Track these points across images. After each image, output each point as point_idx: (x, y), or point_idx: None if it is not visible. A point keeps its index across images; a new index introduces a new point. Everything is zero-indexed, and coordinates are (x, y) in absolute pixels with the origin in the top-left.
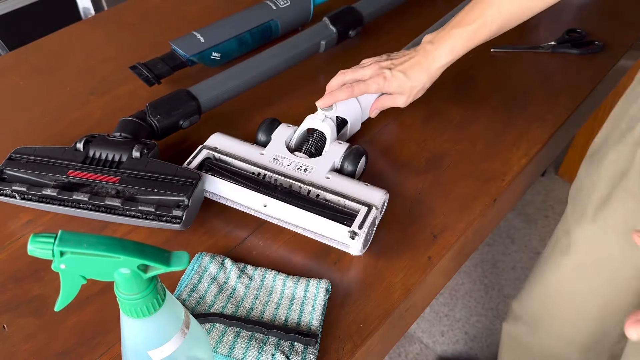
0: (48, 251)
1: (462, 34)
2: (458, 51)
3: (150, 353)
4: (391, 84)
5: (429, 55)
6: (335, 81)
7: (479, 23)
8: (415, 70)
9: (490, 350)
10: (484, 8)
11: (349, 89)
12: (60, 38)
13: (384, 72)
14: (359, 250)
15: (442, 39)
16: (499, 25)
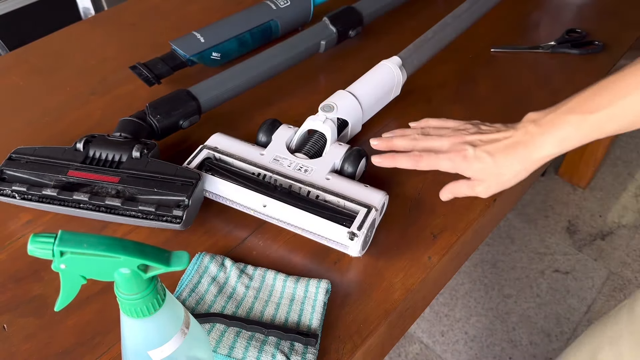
0: (48, 251)
1: (580, 123)
2: (571, 143)
3: (150, 353)
4: (471, 166)
5: (530, 140)
6: (402, 143)
7: (605, 114)
8: (508, 155)
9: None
10: (616, 95)
11: (415, 159)
12: (60, 38)
13: (465, 149)
14: (357, 252)
15: (551, 123)
16: (633, 120)
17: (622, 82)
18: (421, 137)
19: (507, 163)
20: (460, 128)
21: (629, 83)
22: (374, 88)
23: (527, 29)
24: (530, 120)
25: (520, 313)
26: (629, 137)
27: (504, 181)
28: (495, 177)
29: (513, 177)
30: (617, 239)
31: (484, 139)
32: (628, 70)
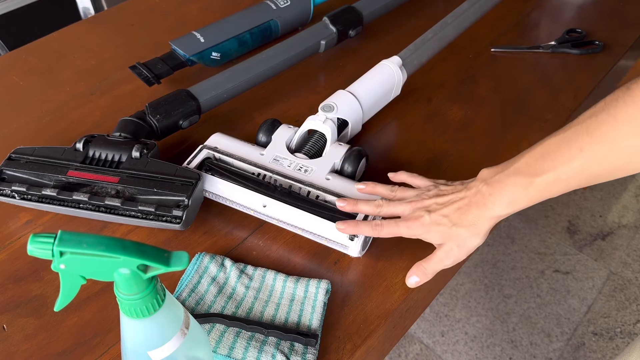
0: (48, 251)
1: (526, 186)
2: (520, 205)
3: (150, 353)
4: (429, 231)
5: (481, 200)
6: (367, 208)
7: (551, 177)
8: (462, 216)
9: (490, 350)
10: (558, 161)
11: (377, 229)
12: (60, 38)
13: (422, 216)
14: (358, 252)
15: (499, 184)
16: (579, 182)
17: (567, 146)
18: (385, 203)
19: (463, 223)
20: (423, 190)
21: (573, 148)
22: (374, 88)
23: (527, 29)
24: (481, 179)
25: (520, 313)
26: None
27: (463, 243)
28: (454, 239)
29: (471, 236)
30: (617, 239)
31: (440, 202)
32: (572, 131)
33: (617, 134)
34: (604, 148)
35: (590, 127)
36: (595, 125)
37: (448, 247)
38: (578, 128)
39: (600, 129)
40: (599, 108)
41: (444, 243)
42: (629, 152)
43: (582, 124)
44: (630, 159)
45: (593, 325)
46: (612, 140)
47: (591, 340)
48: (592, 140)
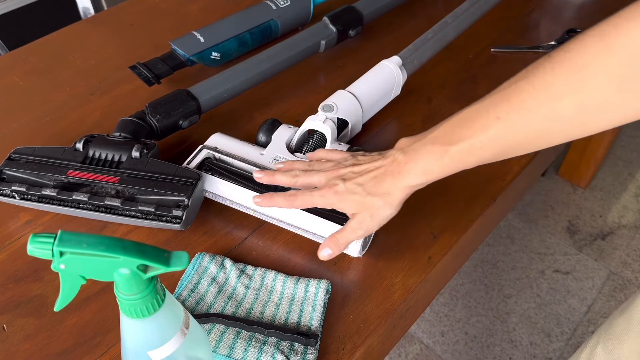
0: (47, 251)
1: (441, 154)
2: (433, 175)
3: (150, 353)
4: (343, 200)
5: (397, 169)
6: (283, 179)
7: (466, 146)
8: (377, 184)
9: (490, 350)
10: (475, 129)
11: (290, 200)
12: (60, 38)
13: (336, 184)
14: (357, 252)
15: (415, 152)
16: (494, 153)
17: (484, 114)
18: (301, 174)
19: (377, 192)
20: (340, 161)
21: (490, 115)
22: (374, 88)
23: (527, 29)
24: (399, 147)
25: (520, 313)
26: (629, 137)
27: (377, 213)
28: (367, 208)
29: (384, 206)
30: (617, 239)
31: (356, 171)
32: (491, 99)
33: (535, 102)
34: (521, 116)
35: (509, 95)
36: (515, 93)
37: (361, 216)
38: (497, 96)
39: (519, 96)
40: (520, 76)
41: (358, 212)
42: (543, 122)
43: (501, 92)
44: (545, 128)
45: (593, 325)
46: (529, 108)
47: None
48: (510, 107)
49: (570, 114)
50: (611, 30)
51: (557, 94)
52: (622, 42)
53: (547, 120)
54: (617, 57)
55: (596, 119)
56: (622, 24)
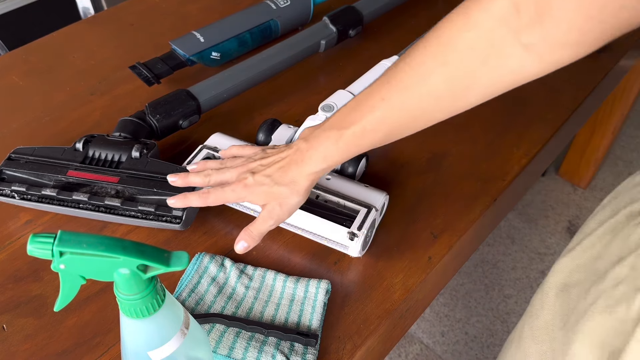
0: (47, 251)
1: (337, 139)
2: (333, 160)
3: (150, 353)
4: (253, 193)
5: (300, 157)
6: (196, 179)
7: (358, 129)
8: (283, 174)
9: (491, 350)
10: (364, 112)
11: (204, 198)
12: (59, 38)
13: (246, 178)
14: (358, 252)
15: (316, 139)
16: (384, 134)
17: (372, 96)
18: (214, 172)
19: (284, 182)
20: (250, 156)
21: (376, 97)
22: None
23: None
24: (302, 137)
25: (520, 313)
26: (629, 137)
27: (285, 201)
28: (275, 198)
29: (291, 194)
30: None
31: (264, 163)
32: (378, 82)
33: (411, 80)
34: (401, 95)
35: (391, 76)
36: (395, 74)
37: (270, 206)
38: (382, 78)
39: (397, 76)
40: (401, 59)
41: (267, 203)
42: (421, 99)
43: (386, 74)
44: (424, 105)
45: None
46: (407, 87)
47: None
48: (391, 88)
49: (442, 89)
50: (472, 5)
51: (428, 71)
52: (480, 16)
53: (424, 96)
54: (475, 31)
55: (466, 92)
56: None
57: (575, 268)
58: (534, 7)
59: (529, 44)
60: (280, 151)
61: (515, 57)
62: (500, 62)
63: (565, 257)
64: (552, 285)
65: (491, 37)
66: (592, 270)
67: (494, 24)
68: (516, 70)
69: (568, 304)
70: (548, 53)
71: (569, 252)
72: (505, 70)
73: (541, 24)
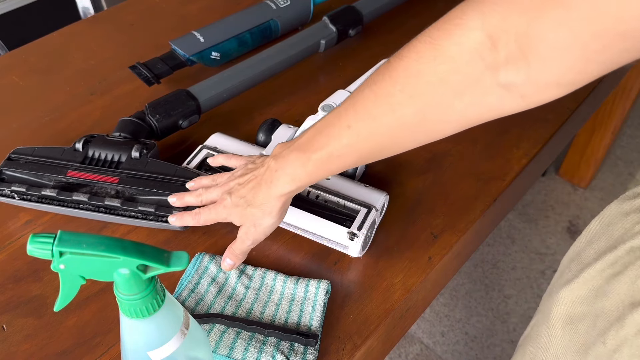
0: (47, 251)
1: (305, 162)
2: (302, 182)
3: (150, 354)
4: (231, 214)
5: (269, 177)
6: (191, 199)
7: (325, 153)
8: (255, 195)
9: (491, 350)
10: (330, 137)
11: (196, 218)
12: (59, 38)
13: (224, 199)
14: (358, 252)
15: (284, 160)
16: (355, 159)
17: (337, 122)
18: (203, 192)
19: (255, 203)
20: (234, 172)
21: (342, 124)
22: None
23: None
24: (273, 154)
25: (521, 313)
26: (629, 137)
27: (259, 223)
28: (250, 218)
29: (264, 216)
30: None
31: (241, 182)
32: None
33: (379, 110)
34: (368, 124)
35: (357, 103)
36: (361, 101)
37: (246, 227)
38: (348, 103)
39: (363, 104)
40: (366, 82)
41: (243, 224)
42: (389, 129)
43: (351, 99)
44: (393, 135)
45: None
46: (374, 117)
47: None
48: (357, 116)
49: (412, 121)
50: (441, 36)
51: (398, 103)
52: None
53: (393, 128)
54: (447, 64)
55: (441, 125)
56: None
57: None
58: (514, 43)
59: (509, 83)
60: (255, 168)
61: (494, 95)
62: (476, 98)
63: (566, 289)
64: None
65: (466, 71)
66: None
67: (468, 58)
68: (495, 106)
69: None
70: (533, 93)
71: (568, 282)
72: (482, 106)
73: (526, 63)
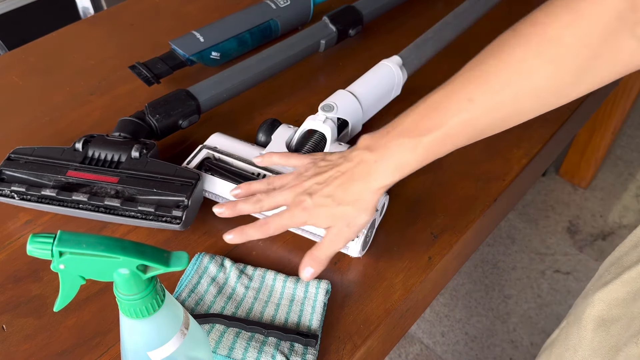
0: (47, 251)
1: (415, 146)
2: (410, 168)
3: (150, 354)
4: (314, 216)
5: (366, 169)
6: (248, 208)
7: (439, 135)
8: (346, 191)
9: (491, 350)
10: (447, 115)
11: (264, 230)
12: (59, 38)
13: (303, 201)
14: (358, 252)
15: (386, 148)
16: (468, 137)
17: (453, 97)
18: (264, 197)
19: (347, 200)
20: (301, 171)
21: (461, 99)
22: (374, 88)
23: None
24: (364, 146)
25: (521, 313)
26: (629, 137)
27: (353, 221)
28: (342, 218)
29: (359, 213)
30: (618, 239)
31: (320, 181)
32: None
33: (507, 79)
34: (493, 96)
35: (478, 75)
36: (484, 72)
37: (337, 228)
38: (464, 78)
39: (488, 75)
40: (486, 54)
41: (333, 225)
42: (518, 98)
43: (468, 73)
44: (519, 106)
45: None
46: (501, 86)
47: None
48: (482, 88)
49: (545, 86)
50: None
51: (531, 68)
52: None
53: (522, 96)
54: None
55: (571, 88)
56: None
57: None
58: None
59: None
60: (337, 164)
61: (628, 49)
62: (612, 55)
63: (603, 291)
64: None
65: (605, 32)
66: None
67: (608, 19)
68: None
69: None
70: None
71: (606, 285)
72: (616, 63)
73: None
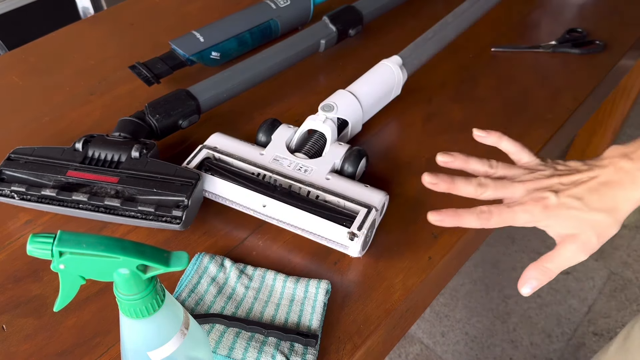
0: (47, 251)
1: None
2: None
3: (150, 354)
4: (556, 217)
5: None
6: (467, 189)
7: None
8: (602, 197)
9: (491, 350)
10: None
11: (484, 219)
12: (59, 38)
13: (546, 197)
14: (358, 252)
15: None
16: None
17: None
18: (489, 183)
19: (602, 207)
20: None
21: None
22: (374, 88)
23: (527, 29)
24: (619, 154)
25: (520, 313)
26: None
27: (604, 232)
28: (591, 226)
29: (612, 224)
30: (617, 239)
31: (565, 182)
32: None
33: None
34: None
35: None
36: None
37: (585, 237)
38: None
39: None
40: None
41: (579, 232)
42: None
43: None
44: None
45: (593, 325)
46: None
47: (592, 340)
48: None
49: None
50: None
51: None
52: None
53: None
54: None
55: None
56: None
57: None
58: None
59: None
60: (579, 170)
61: None
62: None
63: None
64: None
65: None
66: None
67: None
68: None
69: None
70: None
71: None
72: None
73: None
